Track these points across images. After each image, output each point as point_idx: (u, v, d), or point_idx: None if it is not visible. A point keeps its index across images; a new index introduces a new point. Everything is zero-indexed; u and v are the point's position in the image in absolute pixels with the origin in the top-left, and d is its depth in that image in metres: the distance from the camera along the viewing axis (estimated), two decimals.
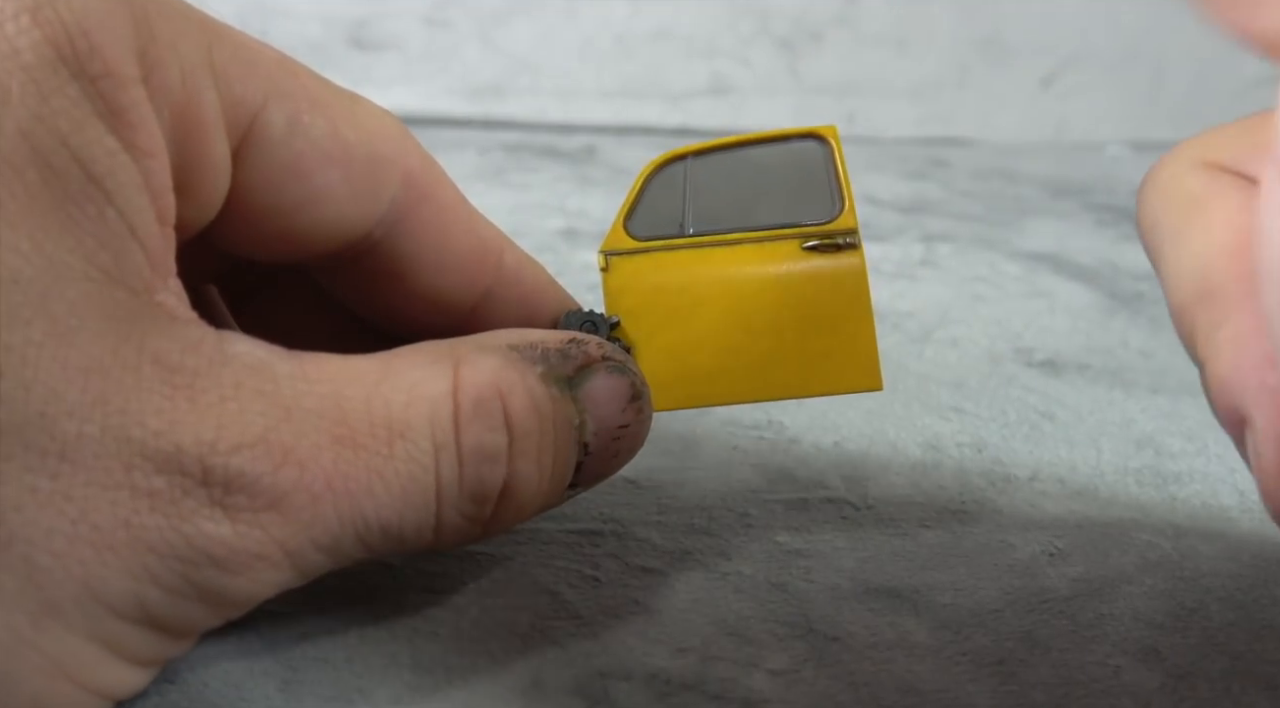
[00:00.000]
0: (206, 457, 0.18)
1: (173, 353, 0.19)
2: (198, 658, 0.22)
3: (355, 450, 0.19)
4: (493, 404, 0.21)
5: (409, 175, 0.24)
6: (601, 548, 0.27)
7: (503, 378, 0.21)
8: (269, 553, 0.19)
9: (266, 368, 0.19)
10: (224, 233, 0.22)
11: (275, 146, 0.22)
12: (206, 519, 0.18)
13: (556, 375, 0.22)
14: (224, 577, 0.19)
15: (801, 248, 0.26)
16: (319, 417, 0.19)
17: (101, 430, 0.18)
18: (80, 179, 0.18)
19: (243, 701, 0.21)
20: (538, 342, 0.23)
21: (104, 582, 0.18)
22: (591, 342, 0.24)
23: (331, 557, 0.20)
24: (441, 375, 0.21)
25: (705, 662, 0.23)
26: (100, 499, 0.17)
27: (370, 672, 0.22)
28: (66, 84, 0.18)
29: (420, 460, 0.20)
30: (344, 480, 0.19)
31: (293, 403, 0.19)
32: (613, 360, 0.24)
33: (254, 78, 0.21)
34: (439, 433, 0.20)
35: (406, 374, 0.21)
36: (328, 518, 0.19)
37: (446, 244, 0.24)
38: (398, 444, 0.20)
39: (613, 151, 0.72)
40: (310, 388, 0.19)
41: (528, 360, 0.22)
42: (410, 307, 0.25)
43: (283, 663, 0.22)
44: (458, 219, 0.25)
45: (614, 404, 0.23)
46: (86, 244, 0.18)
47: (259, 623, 0.23)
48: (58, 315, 0.18)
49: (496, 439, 0.21)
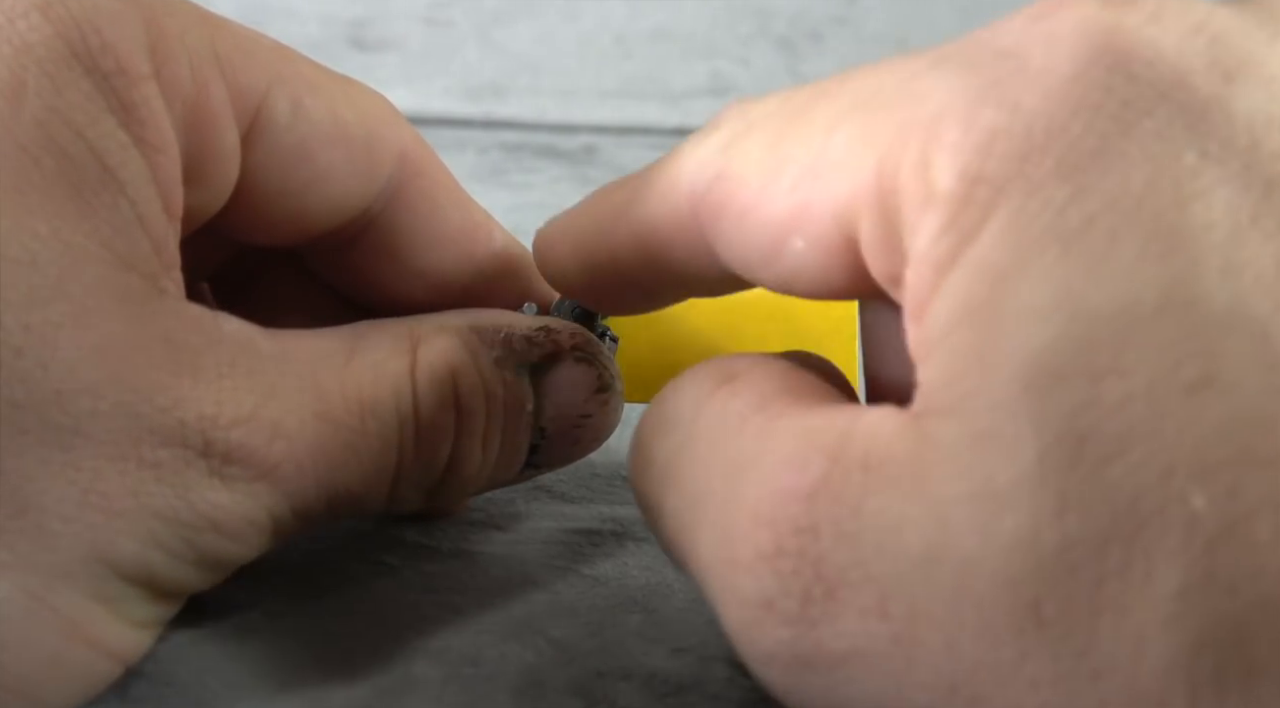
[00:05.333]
0: (209, 431, 0.19)
1: (178, 332, 0.20)
2: (196, 658, 0.22)
3: (334, 425, 0.21)
4: (444, 383, 0.22)
5: (403, 153, 0.24)
6: (601, 548, 0.27)
7: (454, 358, 0.23)
8: (259, 519, 0.20)
9: (253, 346, 0.21)
10: (232, 219, 0.23)
11: (280, 132, 0.22)
12: (207, 488, 0.19)
13: (516, 361, 0.23)
14: (221, 541, 0.20)
15: None
16: (300, 393, 0.21)
17: (113, 407, 0.18)
18: (96, 169, 0.19)
19: (241, 701, 0.21)
20: (504, 325, 0.24)
21: (112, 546, 0.19)
22: (565, 330, 0.24)
23: (305, 522, 0.21)
24: (402, 354, 0.22)
25: (705, 662, 0.23)
26: (109, 470, 0.18)
27: (370, 673, 0.22)
28: (80, 79, 0.19)
29: (387, 435, 0.22)
30: (324, 453, 0.21)
31: (277, 381, 0.20)
32: (582, 351, 0.24)
33: (256, 66, 0.22)
34: (402, 409, 0.22)
35: (371, 354, 0.22)
36: (308, 488, 0.21)
37: (439, 219, 0.25)
38: (369, 420, 0.21)
39: (613, 152, 0.72)
40: (290, 367, 0.21)
41: (485, 343, 0.23)
42: (404, 285, 0.25)
43: (282, 664, 0.22)
44: (449, 195, 0.25)
45: (576, 393, 0.24)
46: (102, 231, 0.19)
47: (259, 626, 0.23)
48: (75, 297, 0.18)
49: (445, 416, 0.22)
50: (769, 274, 0.18)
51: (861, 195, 0.16)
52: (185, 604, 0.21)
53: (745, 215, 0.18)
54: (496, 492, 0.29)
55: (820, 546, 0.15)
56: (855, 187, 0.16)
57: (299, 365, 0.21)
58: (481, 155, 0.71)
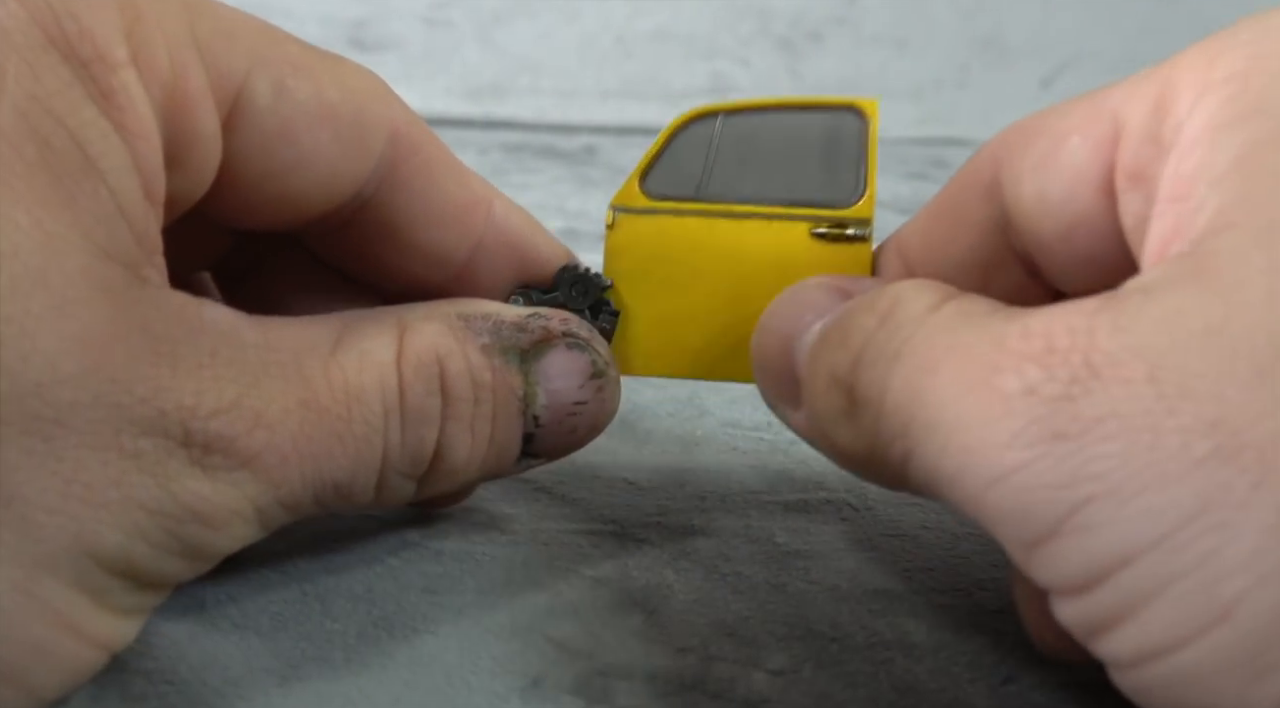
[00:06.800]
0: (188, 421, 0.19)
1: (158, 322, 0.19)
2: (197, 657, 0.22)
3: (318, 414, 0.21)
4: (430, 369, 0.22)
5: (395, 131, 0.24)
6: (601, 548, 0.27)
7: (441, 344, 0.23)
8: (242, 509, 0.20)
9: (236, 335, 0.20)
10: (218, 204, 0.23)
11: (263, 114, 0.22)
12: (189, 478, 0.19)
13: (504, 347, 0.23)
14: (204, 531, 0.20)
15: (810, 234, 0.26)
16: (284, 382, 0.21)
17: (94, 397, 0.18)
18: (77, 158, 0.19)
19: (242, 699, 0.21)
20: (491, 313, 0.24)
21: (95, 536, 0.19)
22: (555, 317, 0.24)
23: (292, 513, 0.21)
24: (388, 343, 0.22)
25: (705, 662, 0.23)
26: (91, 461, 0.18)
27: (370, 671, 0.22)
28: (58, 66, 0.19)
29: (373, 423, 0.21)
30: (308, 442, 0.21)
31: (260, 370, 0.20)
32: (574, 337, 0.24)
33: (236, 48, 0.22)
34: (388, 397, 0.22)
35: (358, 343, 0.22)
36: (293, 477, 0.21)
37: (436, 197, 0.25)
38: (354, 408, 0.21)
39: (613, 152, 0.72)
40: (274, 356, 0.21)
41: (472, 330, 0.23)
42: (405, 263, 0.25)
43: (282, 662, 0.22)
44: (445, 172, 0.25)
45: (569, 380, 0.24)
46: (83, 220, 0.19)
47: (259, 623, 0.23)
48: (55, 288, 0.18)
49: (432, 402, 0.22)
50: (1034, 181, 0.22)
51: (1140, 93, 0.20)
52: (186, 602, 0.21)
53: (1040, 133, 0.22)
54: (497, 493, 0.29)
55: (1094, 339, 0.17)
56: (1137, 92, 0.20)
57: (283, 354, 0.21)
58: (482, 156, 0.71)
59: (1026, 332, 0.18)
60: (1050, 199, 0.22)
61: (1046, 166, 0.22)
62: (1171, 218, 0.19)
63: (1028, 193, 0.22)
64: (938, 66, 0.82)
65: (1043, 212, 0.22)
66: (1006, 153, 0.23)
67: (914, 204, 0.63)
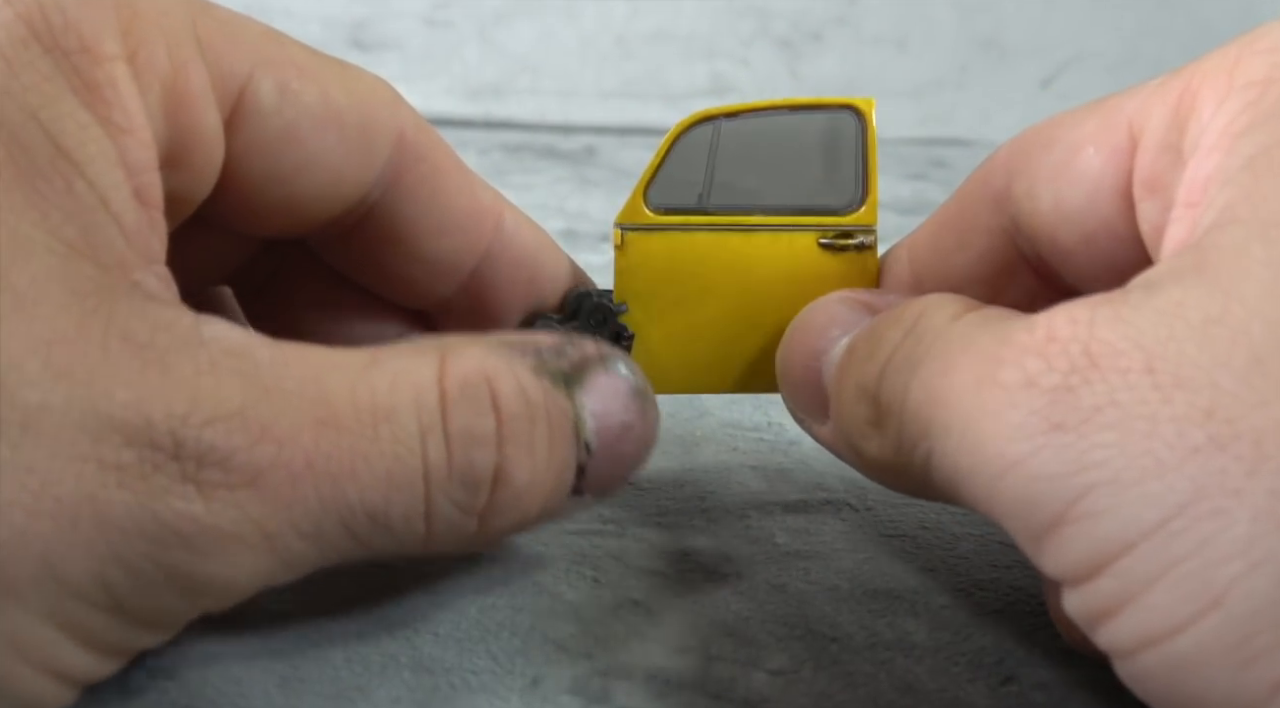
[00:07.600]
0: (178, 429, 0.17)
1: (142, 331, 0.18)
2: (197, 655, 0.22)
3: (338, 432, 0.19)
4: (479, 389, 0.20)
5: (402, 137, 0.24)
6: (601, 548, 0.27)
7: (489, 364, 0.21)
8: (245, 534, 0.18)
9: (246, 352, 0.19)
10: (222, 208, 0.23)
11: (266, 115, 0.22)
12: (178, 496, 0.17)
13: (550, 369, 0.22)
14: (194, 559, 0.18)
15: (818, 244, 0.26)
16: (299, 397, 0.19)
17: (66, 401, 0.17)
18: (48, 152, 0.18)
19: (242, 698, 0.21)
20: (530, 340, 0.23)
21: (65, 560, 0.17)
22: (589, 342, 0.24)
23: (316, 546, 0.19)
24: (428, 364, 0.20)
25: (705, 662, 0.23)
26: (65, 472, 0.17)
27: (370, 672, 0.22)
28: (38, 59, 0.18)
29: (406, 442, 0.19)
30: (325, 461, 0.19)
31: (273, 384, 0.19)
32: (612, 360, 0.23)
33: (240, 49, 0.21)
34: (425, 416, 0.20)
35: (391, 363, 0.20)
36: (308, 499, 0.18)
37: (443, 205, 0.24)
38: (382, 427, 0.19)
39: (613, 152, 0.72)
40: (291, 372, 0.19)
41: (517, 352, 0.22)
42: (412, 272, 0.25)
43: (283, 661, 0.22)
44: (453, 180, 0.25)
45: (615, 402, 0.22)
46: (52, 217, 0.18)
47: (259, 622, 0.23)
48: (19, 288, 0.17)
49: (484, 423, 0.20)
50: (1049, 191, 0.22)
51: (1157, 101, 0.21)
52: None
53: (1054, 142, 0.22)
54: None
55: (1094, 330, 0.18)
56: (1154, 99, 0.21)
57: (300, 371, 0.19)
58: (482, 156, 0.71)
59: (1031, 325, 0.18)
60: (1068, 209, 0.22)
61: (1062, 177, 0.22)
62: (1187, 222, 0.19)
63: (1044, 203, 0.22)
64: (938, 67, 0.82)
65: (1060, 221, 0.22)
66: (1018, 162, 0.23)
67: (914, 205, 0.63)
